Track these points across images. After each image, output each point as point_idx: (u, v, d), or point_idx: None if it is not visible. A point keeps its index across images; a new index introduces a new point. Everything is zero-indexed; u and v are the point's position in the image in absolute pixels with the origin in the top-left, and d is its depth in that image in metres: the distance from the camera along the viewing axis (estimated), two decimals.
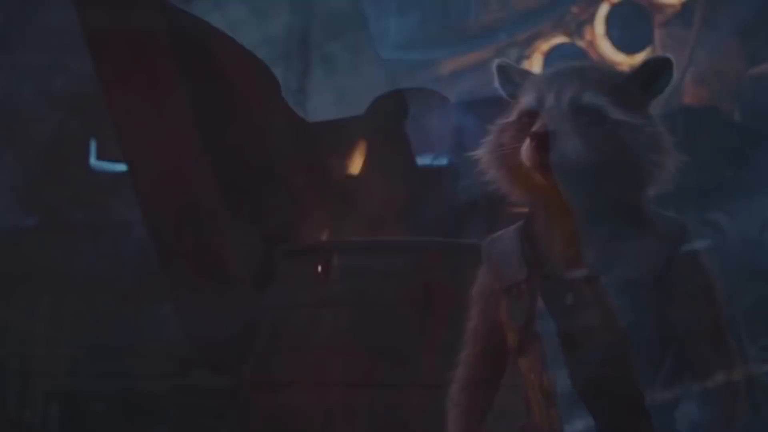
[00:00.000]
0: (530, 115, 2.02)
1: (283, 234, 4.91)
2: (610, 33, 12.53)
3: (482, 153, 2.09)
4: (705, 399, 2.02)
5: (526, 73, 2.10)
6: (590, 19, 12.70)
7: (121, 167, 6.53)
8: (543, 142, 1.95)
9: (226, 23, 6.37)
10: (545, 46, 12.59)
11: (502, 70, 2.11)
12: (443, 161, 8.57)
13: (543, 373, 2.04)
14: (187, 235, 5.75)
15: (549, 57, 12.23)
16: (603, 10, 12.62)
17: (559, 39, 12.65)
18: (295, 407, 4.18)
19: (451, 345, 2.19)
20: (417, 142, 7.04)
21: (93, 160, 9.36)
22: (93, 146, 9.30)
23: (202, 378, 5.98)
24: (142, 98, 5.76)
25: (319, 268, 4.24)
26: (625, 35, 12.36)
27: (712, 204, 7.75)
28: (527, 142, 1.98)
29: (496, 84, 2.12)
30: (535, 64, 8.71)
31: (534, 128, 1.97)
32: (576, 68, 2.07)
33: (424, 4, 12.82)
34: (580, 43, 12.66)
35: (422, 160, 7.67)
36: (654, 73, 2.04)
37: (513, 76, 2.11)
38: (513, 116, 2.07)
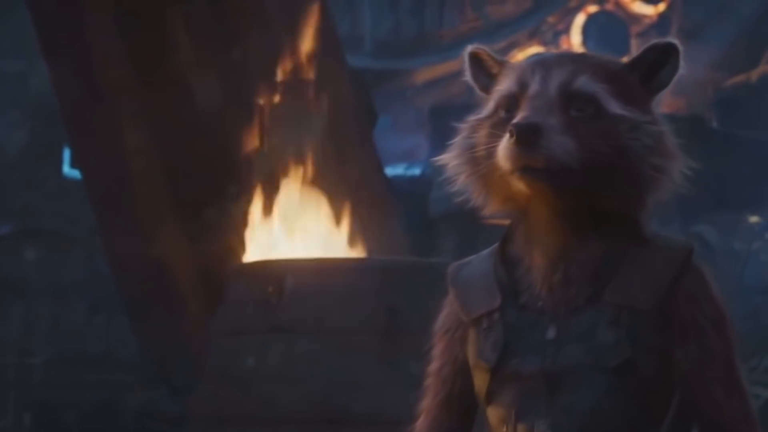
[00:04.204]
0: (509, 105, 1.72)
1: (234, 251, 4.78)
2: (586, 43, 12.57)
3: (450, 157, 1.78)
4: None
5: (505, 62, 1.80)
6: (566, 29, 12.76)
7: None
8: (525, 137, 1.64)
9: None
10: (521, 56, 12.56)
11: (475, 58, 1.80)
12: (414, 171, 8.44)
13: (518, 425, 1.73)
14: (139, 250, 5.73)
15: None
16: (579, 20, 12.69)
17: (535, 49, 12.64)
18: None
19: (417, 377, 1.92)
20: (386, 151, 6.89)
21: (66, 168, 9.26)
22: (66, 154, 9.19)
23: (161, 400, 5.91)
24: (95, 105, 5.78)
25: (271, 290, 4.03)
26: (601, 45, 12.37)
27: (697, 216, 7.61)
28: (506, 139, 1.67)
29: (467, 75, 1.81)
30: None
31: (515, 120, 1.66)
32: (567, 53, 1.79)
33: (398, 13, 12.76)
34: None
35: (392, 171, 7.51)
36: (657, 63, 1.76)
37: (488, 66, 1.80)
38: (488, 109, 1.76)
